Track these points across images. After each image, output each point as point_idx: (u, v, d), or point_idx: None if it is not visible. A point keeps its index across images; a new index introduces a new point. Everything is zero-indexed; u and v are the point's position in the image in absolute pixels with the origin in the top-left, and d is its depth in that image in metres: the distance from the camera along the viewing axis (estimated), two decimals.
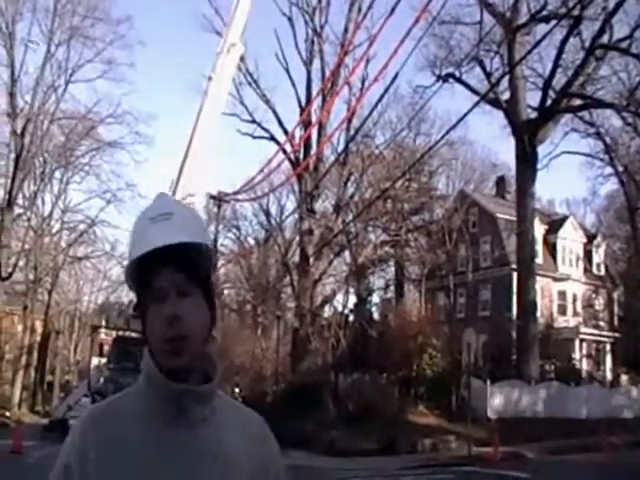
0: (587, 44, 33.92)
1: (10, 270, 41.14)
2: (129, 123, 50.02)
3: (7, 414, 39.70)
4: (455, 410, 27.80)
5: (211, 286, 1.71)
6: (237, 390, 34.13)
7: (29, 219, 48.63)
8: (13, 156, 40.76)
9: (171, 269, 1.61)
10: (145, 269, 1.63)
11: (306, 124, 34.54)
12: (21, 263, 46.34)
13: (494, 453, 21.55)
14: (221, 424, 1.67)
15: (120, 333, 32.67)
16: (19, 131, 40.25)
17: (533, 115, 35.78)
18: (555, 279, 42.19)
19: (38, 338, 53.35)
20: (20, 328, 50.79)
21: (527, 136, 34.06)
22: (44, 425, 31.30)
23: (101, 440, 1.58)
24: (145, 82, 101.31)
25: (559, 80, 35.45)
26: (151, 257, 1.60)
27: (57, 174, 50.49)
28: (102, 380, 25.13)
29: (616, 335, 42.20)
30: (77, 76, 44.27)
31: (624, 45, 33.72)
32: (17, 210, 44.17)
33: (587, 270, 44.92)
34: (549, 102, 35.11)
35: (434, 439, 25.40)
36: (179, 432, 1.61)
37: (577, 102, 36.69)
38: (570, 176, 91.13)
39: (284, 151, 34.94)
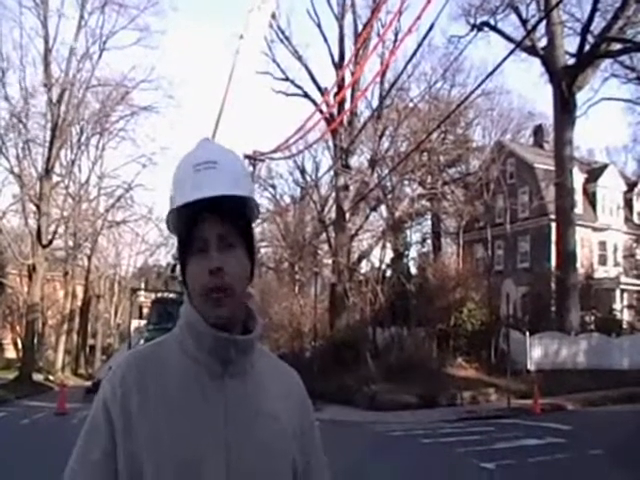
0: None
1: (50, 237, 41.64)
2: (163, 87, 50.22)
3: (51, 378, 40.66)
4: (494, 362, 27.68)
5: (252, 237, 1.70)
6: None
7: (67, 186, 49.34)
8: (50, 125, 41.05)
9: (214, 220, 1.59)
10: (188, 218, 1.60)
11: (340, 82, 34.15)
12: (61, 230, 47.03)
13: (534, 405, 21.48)
14: (261, 378, 1.66)
15: (159, 295, 33.13)
16: (55, 100, 40.43)
17: (571, 61, 34.84)
18: (595, 229, 41.57)
19: (79, 303, 54.56)
20: (62, 294, 51.93)
21: (565, 83, 33.25)
22: (87, 387, 32.03)
23: (142, 386, 1.57)
24: (177, 44, 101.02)
25: (598, 24, 34.38)
26: (194, 207, 1.57)
27: (93, 141, 51.30)
28: (142, 341, 25.44)
29: None
30: (111, 43, 44.20)
31: None
32: (55, 178, 44.58)
33: (628, 219, 44.15)
34: (588, 47, 34.15)
35: (474, 392, 25.32)
36: (221, 383, 1.60)
37: (617, 46, 35.52)
38: (610, 123, 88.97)
39: (321, 111, 34.63)
